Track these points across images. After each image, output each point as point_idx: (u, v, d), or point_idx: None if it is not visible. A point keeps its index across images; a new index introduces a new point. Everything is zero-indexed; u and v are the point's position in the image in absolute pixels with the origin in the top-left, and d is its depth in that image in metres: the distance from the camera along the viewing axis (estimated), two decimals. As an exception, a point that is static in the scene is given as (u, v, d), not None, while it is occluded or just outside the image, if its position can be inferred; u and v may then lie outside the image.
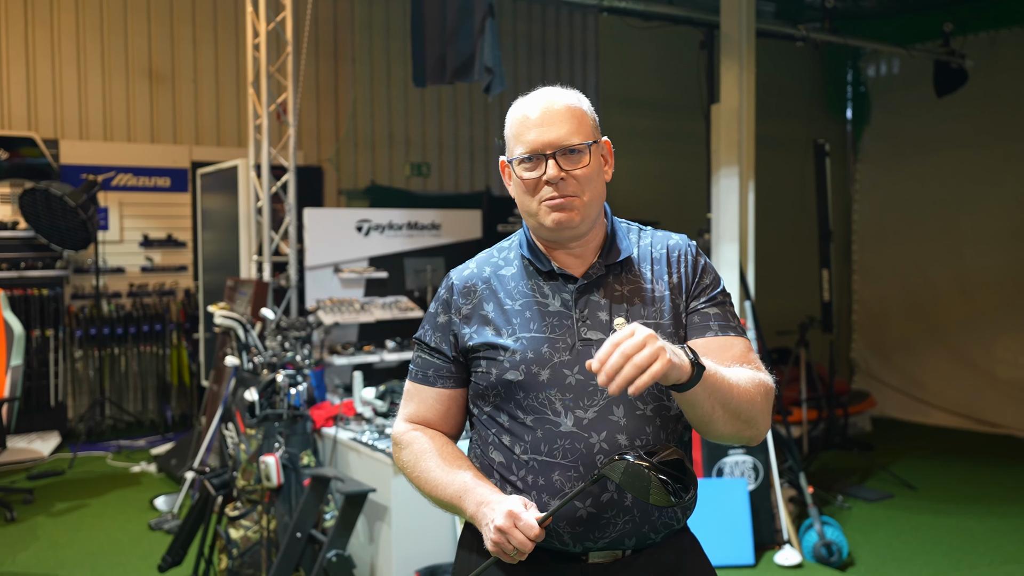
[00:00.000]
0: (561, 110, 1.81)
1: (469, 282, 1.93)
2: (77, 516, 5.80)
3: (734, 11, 5.70)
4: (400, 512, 4.33)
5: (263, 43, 6.19)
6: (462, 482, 1.80)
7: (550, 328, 1.82)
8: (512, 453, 1.82)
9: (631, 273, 1.88)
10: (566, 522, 1.76)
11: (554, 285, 1.86)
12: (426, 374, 1.95)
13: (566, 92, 1.85)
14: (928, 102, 8.15)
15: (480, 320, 1.88)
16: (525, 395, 1.80)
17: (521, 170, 1.83)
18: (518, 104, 1.87)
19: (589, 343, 1.80)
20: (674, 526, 1.84)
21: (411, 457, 1.92)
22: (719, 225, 5.72)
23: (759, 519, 5.18)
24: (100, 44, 8.20)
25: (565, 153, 1.79)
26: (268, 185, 6.22)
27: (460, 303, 1.91)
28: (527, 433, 1.80)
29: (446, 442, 1.93)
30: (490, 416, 1.88)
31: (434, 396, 1.95)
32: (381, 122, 9.18)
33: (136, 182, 8.30)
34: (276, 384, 4.61)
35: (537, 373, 1.79)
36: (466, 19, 5.09)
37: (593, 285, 1.86)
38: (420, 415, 1.97)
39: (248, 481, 4.47)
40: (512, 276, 1.90)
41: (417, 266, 6.55)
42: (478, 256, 2.00)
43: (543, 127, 1.79)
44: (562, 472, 1.77)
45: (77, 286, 8.06)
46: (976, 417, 8.34)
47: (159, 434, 8.01)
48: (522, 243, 1.93)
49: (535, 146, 1.80)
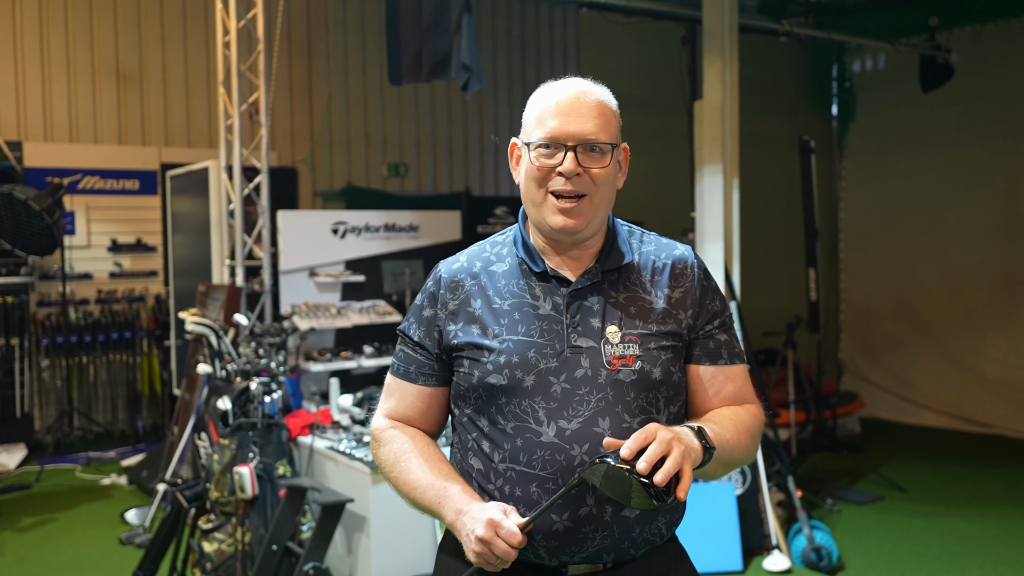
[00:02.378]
0: (592, 104, 1.77)
1: (458, 276, 1.88)
2: (45, 531, 5.74)
3: (716, 6, 5.69)
4: (379, 523, 4.31)
5: (234, 41, 6.20)
6: (442, 487, 1.77)
7: (539, 332, 1.77)
8: (491, 461, 1.78)
9: (629, 280, 1.83)
10: (542, 536, 1.73)
11: (547, 287, 1.81)
12: (408, 370, 1.91)
13: (600, 88, 1.82)
14: (914, 98, 8.16)
15: (467, 318, 1.83)
16: (507, 400, 1.76)
17: (536, 155, 1.77)
18: (548, 88, 1.81)
19: (579, 351, 1.76)
20: (656, 542, 1.81)
21: (390, 456, 1.88)
22: (703, 224, 5.70)
23: (747, 524, 5.18)
24: (65, 42, 8.16)
25: (586, 149, 1.75)
26: (240, 187, 6.21)
27: (447, 297, 1.86)
28: (506, 441, 1.76)
29: (427, 443, 1.89)
30: (470, 419, 1.84)
31: (415, 393, 1.91)
32: (357, 121, 9.15)
33: (103, 185, 8.27)
34: (250, 392, 4.61)
35: (521, 379, 1.75)
36: (443, 15, 5.07)
37: (588, 290, 1.81)
38: (400, 412, 1.93)
39: (222, 492, 4.46)
40: (503, 274, 1.85)
41: (395, 269, 6.54)
42: (469, 249, 1.95)
43: (569, 116, 1.75)
44: (540, 484, 1.73)
45: (43, 293, 8.01)
46: (966, 417, 8.38)
47: (129, 445, 7.96)
48: (516, 240, 1.88)
49: (557, 134, 1.75)
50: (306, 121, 9.14)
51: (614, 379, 1.74)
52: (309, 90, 9.14)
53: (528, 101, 1.84)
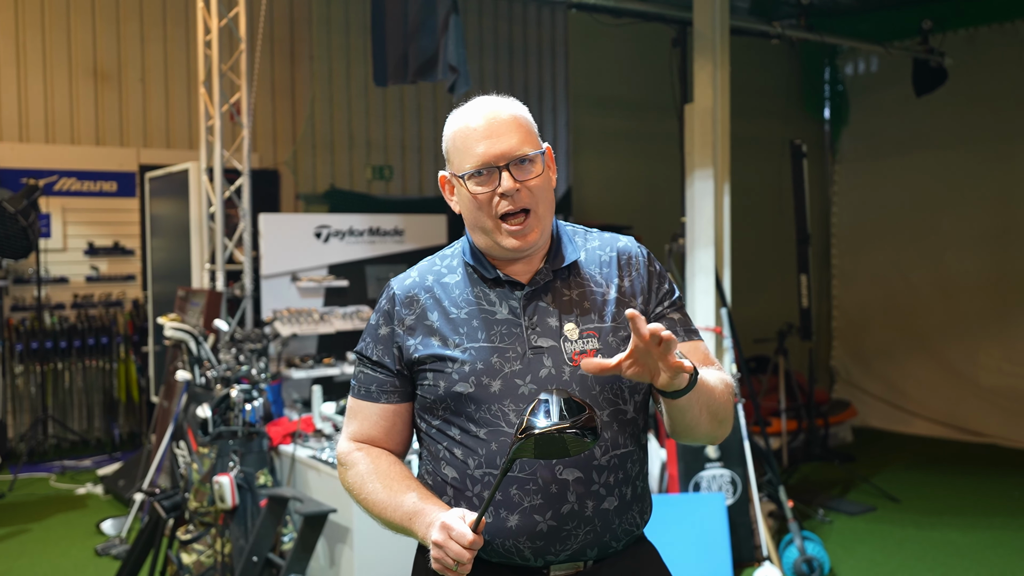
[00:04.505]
0: (508, 120, 1.82)
1: (411, 291, 1.92)
2: (18, 542, 5.70)
3: (707, 8, 5.69)
4: (362, 534, 4.29)
5: (215, 40, 6.20)
6: (411, 504, 1.80)
7: (499, 337, 1.83)
8: (466, 467, 1.81)
9: (579, 277, 1.89)
10: (526, 537, 1.77)
11: (500, 292, 1.87)
12: (368, 389, 1.94)
13: (507, 101, 1.86)
14: (907, 101, 8.19)
15: (425, 331, 1.87)
16: (476, 407, 1.80)
17: (472, 184, 1.81)
18: (459, 116, 1.87)
19: (540, 351, 1.81)
20: (634, 531, 1.87)
21: (356, 479, 1.91)
22: (694, 229, 5.70)
23: (737, 535, 5.19)
24: (41, 41, 8.10)
25: (517, 163, 1.80)
26: (221, 189, 6.20)
27: (403, 313, 1.90)
28: (480, 447, 1.80)
29: (392, 462, 1.92)
30: (439, 430, 1.87)
31: (378, 412, 1.93)
32: (341, 123, 9.13)
33: (80, 186, 8.22)
34: (230, 400, 4.60)
35: (488, 384, 1.80)
36: (429, 15, 5.09)
37: (541, 291, 1.86)
38: (364, 433, 1.95)
39: (201, 502, 4.45)
40: (456, 284, 1.90)
41: (379, 274, 6.53)
42: (419, 264, 2.00)
43: (492, 138, 1.80)
44: (520, 486, 1.77)
45: (17, 297, 7.95)
46: (959, 426, 8.38)
47: (106, 453, 7.88)
48: (465, 250, 1.93)
49: (486, 159, 1.79)
50: (289, 122, 9.13)
51: (578, 375, 1.80)
52: (292, 90, 9.12)
53: (444, 133, 1.89)
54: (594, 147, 8.80)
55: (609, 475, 1.80)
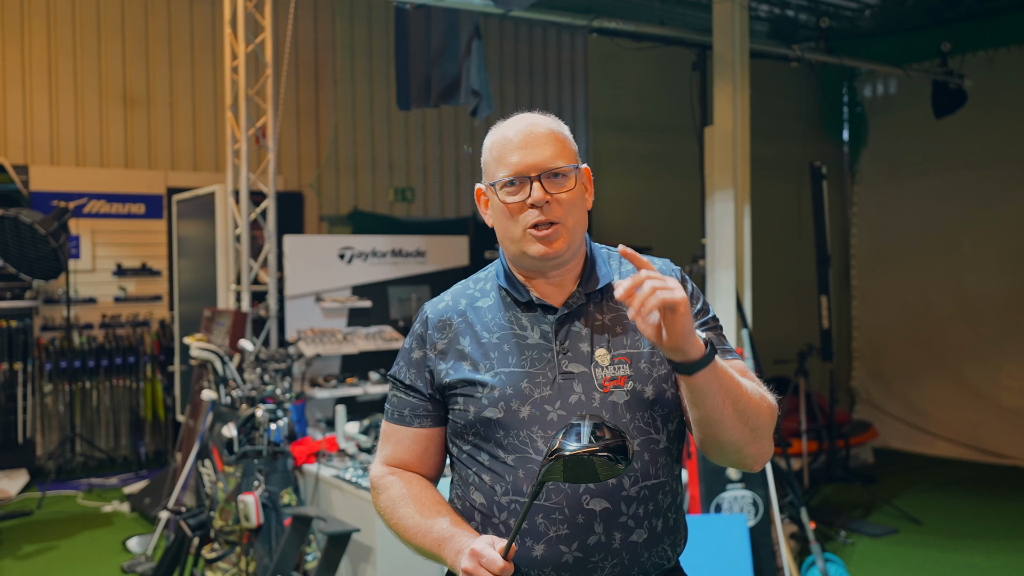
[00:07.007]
0: (544, 133, 1.82)
1: (444, 315, 1.90)
2: (46, 559, 5.69)
3: (727, 31, 5.70)
4: (386, 553, 4.24)
5: (242, 65, 6.22)
6: (440, 530, 1.77)
7: (529, 362, 1.80)
8: (493, 493, 1.79)
9: (612, 300, 1.85)
10: (552, 567, 1.73)
11: (533, 316, 1.84)
12: (402, 413, 1.93)
13: (547, 117, 1.86)
14: (926, 123, 8.14)
15: (456, 355, 1.85)
16: (505, 433, 1.77)
17: (504, 194, 1.81)
18: (498, 128, 1.87)
19: (570, 376, 1.78)
20: (665, 565, 1.81)
21: (388, 503, 1.89)
22: (714, 251, 5.68)
23: (759, 557, 5.10)
24: (72, 66, 8.17)
25: (550, 176, 1.79)
26: (247, 211, 6.23)
27: (435, 338, 1.89)
28: (508, 473, 1.77)
29: (425, 486, 1.90)
30: (469, 455, 1.85)
31: (411, 436, 1.92)
32: (364, 146, 9.16)
33: (109, 209, 8.27)
34: (255, 419, 4.58)
35: (517, 410, 1.77)
36: (452, 40, 5.16)
37: (574, 315, 1.83)
38: (397, 457, 1.94)
39: (226, 521, 4.44)
40: (489, 308, 1.88)
41: (402, 295, 6.54)
42: (453, 288, 1.98)
43: (526, 149, 1.79)
44: (546, 515, 1.74)
45: (47, 317, 7.98)
46: (981, 447, 8.29)
47: (132, 472, 7.90)
48: (499, 273, 1.91)
49: (519, 168, 1.79)
50: (313, 145, 9.16)
51: (608, 401, 1.77)
52: (316, 114, 9.16)
53: (483, 145, 1.89)
54: (614, 169, 8.82)
55: (639, 507, 1.76)
